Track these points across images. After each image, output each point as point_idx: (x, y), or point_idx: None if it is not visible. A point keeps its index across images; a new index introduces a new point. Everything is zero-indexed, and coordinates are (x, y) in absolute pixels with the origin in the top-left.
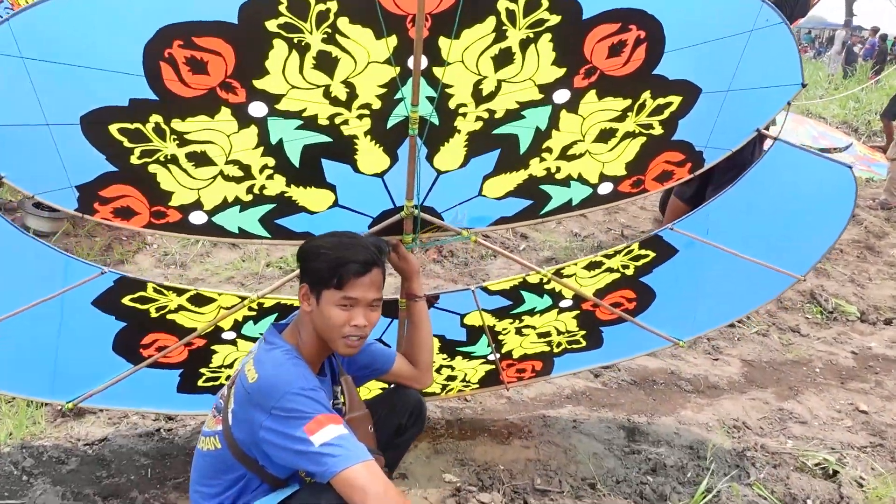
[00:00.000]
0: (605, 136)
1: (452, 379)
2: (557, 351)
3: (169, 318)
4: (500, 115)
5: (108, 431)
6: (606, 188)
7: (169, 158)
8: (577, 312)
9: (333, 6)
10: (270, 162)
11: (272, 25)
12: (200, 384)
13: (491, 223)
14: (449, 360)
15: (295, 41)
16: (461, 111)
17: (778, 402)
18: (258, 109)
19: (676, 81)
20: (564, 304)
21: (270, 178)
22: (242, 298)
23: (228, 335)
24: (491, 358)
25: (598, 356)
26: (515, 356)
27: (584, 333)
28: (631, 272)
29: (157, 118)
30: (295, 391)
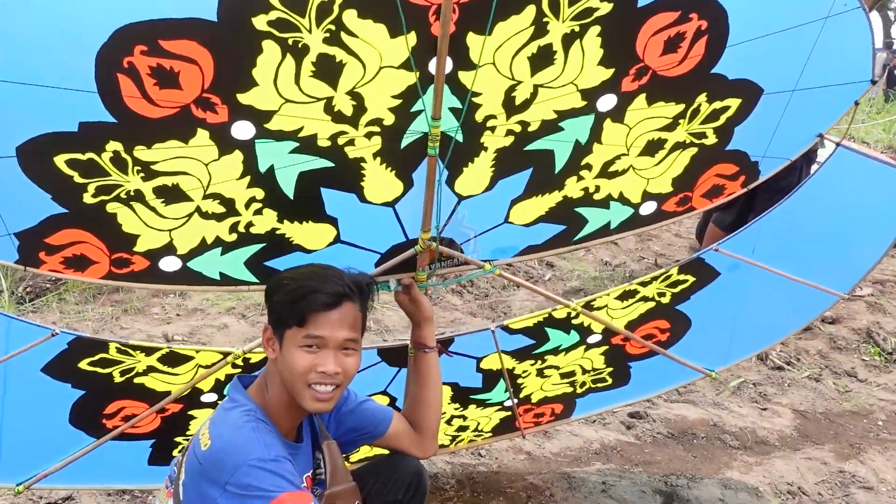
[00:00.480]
0: (651, 148)
1: (464, 429)
2: (581, 391)
3: (137, 381)
4: (534, 127)
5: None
6: (650, 208)
7: (132, 195)
8: (605, 348)
9: None
10: (259, 194)
11: (261, 23)
12: (176, 454)
13: (517, 253)
14: (461, 409)
15: (290, 42)
16: (489, 124)
17: (837, 462)
18: (244, 131)
19: (736, 82)
20: (593, 339)
21: (259, 213)
22: (225, 355)
23: (209, 397)
24: (508, 404)
25: (623, 394)
26: (534, 400)
27: (610, 370)
28: (667, 300)
29: (115, 146)
30: (253, 463)
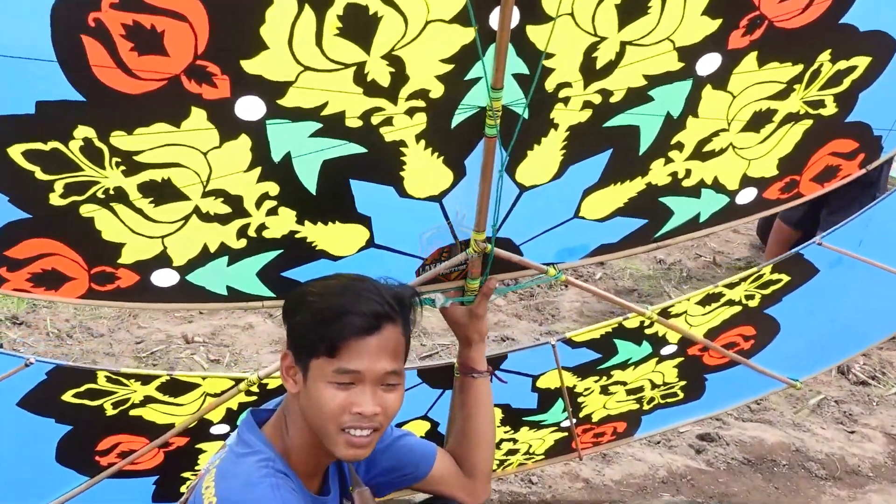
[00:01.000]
0: (757, 121)
1: (513, 453)
2: (648, 408)
3: (133, 414)
4: (617, 97)
5: None
6: (748, 195)
7: (112, 194)
8: (679, 360)
9: None
10: (273, 189)
11: None
12: (184, 490)
13: (587, 254)
14: (512, 432)
15: None
16: (563, 94)
17: None
18: (251, 109)
19: (868, 35)
20: (667, 350)
21: (273, 213)
22: (236, 381)
23: (219, 429)
24: (565, 425)
25: (693, 409)
26: (595, 419)
27: (683, 384)
28: (755, 303)
29: (86, 132)
30: None
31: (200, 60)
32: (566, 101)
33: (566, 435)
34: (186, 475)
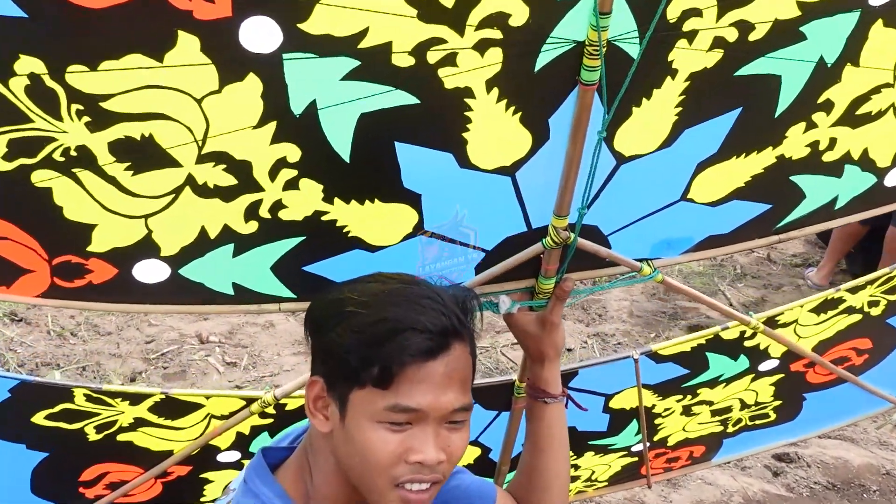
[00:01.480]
0: None
1: (573, 480)
2: (732, 430)
3: (122, 439)
4: (759, 33)
5: None
6: None
7: (74, 157)
8: (779, 377)
9: None
10: (292, 153)
11: None
12: None
13: (690, 248)
14: (574, 458)
15: None
16: (688, 27)
17: None
18: (262, 36)
19: None
20: (766, 366)
21: (293, 186)
22: (247, 401)
23: (228, 456)
24: (636, 449)
25: (783, 432)
26: (671, 443)
27: (777, 405)
28: (879, 311)
29: (32, 65)
30: None
31: None
32: (691, 36)
33: (635, 460)
34: None
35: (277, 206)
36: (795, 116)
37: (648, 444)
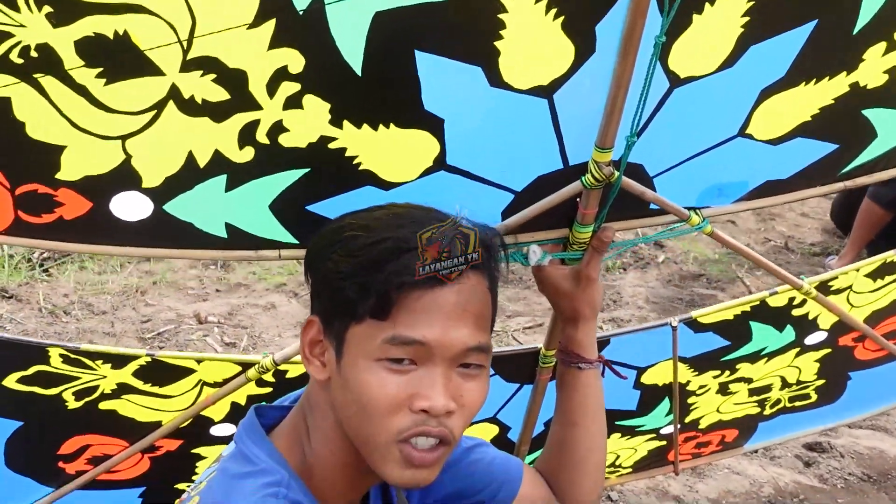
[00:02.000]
0: None
1: None
2: (769, 412)
3: (104, 407)
4: None
5: None
6: None
7: (36, 58)
8: (825, 352)
9: None
10: (294, 61)
11: None
12: None
13: (744, 195)
14: None
15: None
16: None
17: None
18: None
19: None
20: (813, 339)
21: (295, 103)
22: (243, 366)
23: (223, 429)
24: (666, 431)
25: (821, 416)
26: (703, 426)
27: (821, 384)
28: None
29: None
30: None
31: None
32: None
33: (664, 444)
34: (182, 487)
35: (277, 128)
36: (876, 34)
37: (679, 426)
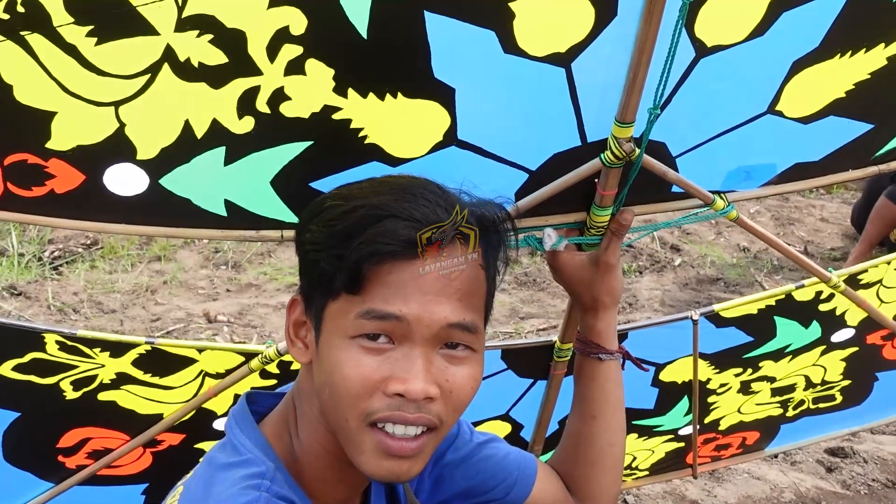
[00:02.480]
0: None
1: None
2: (792, 414)
3: (103, 398)
4: None
5: None
6: None
7: (22, 13)
8: (852, 350)
9: None
10: (297, 22)
11: None
12: None
13: (772, 179)
14: None
15: None
16: None
17: None
18: None
19: None
20: (840, 336)
21: (297, 69)
22: (247, 357)
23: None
24: (684, 432)
25: (846, 418)
26: (723, 427)
27: (847, 384)
28: None
29: None
30: None
31: None
32: None
33: (682, 446)
34: None
35: (278, 96)
36: None
37: (699, 427)
